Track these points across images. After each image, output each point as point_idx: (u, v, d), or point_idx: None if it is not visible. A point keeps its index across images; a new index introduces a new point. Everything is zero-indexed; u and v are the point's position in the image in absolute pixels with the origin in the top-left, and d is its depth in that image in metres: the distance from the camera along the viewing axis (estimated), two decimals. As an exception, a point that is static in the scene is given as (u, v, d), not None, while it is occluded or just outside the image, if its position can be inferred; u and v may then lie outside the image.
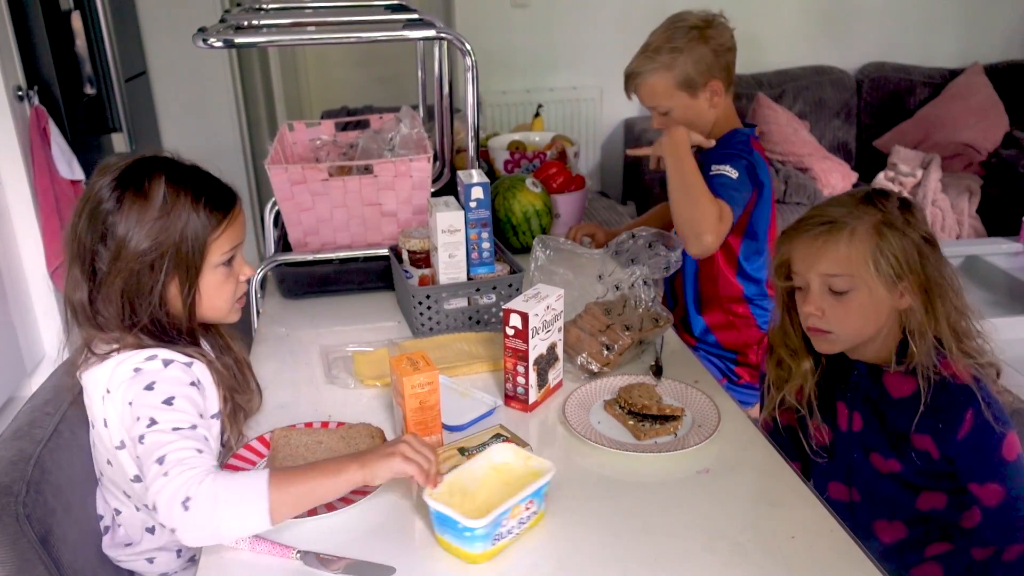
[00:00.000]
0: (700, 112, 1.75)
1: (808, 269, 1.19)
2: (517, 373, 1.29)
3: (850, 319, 1.18)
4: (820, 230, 1.18)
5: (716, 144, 1.76)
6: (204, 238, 1.12)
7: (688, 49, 1.70)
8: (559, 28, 3.96)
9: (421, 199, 1.74)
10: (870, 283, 1.15)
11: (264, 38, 1.70)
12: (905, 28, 4.15)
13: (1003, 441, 1.13)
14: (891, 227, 1.15)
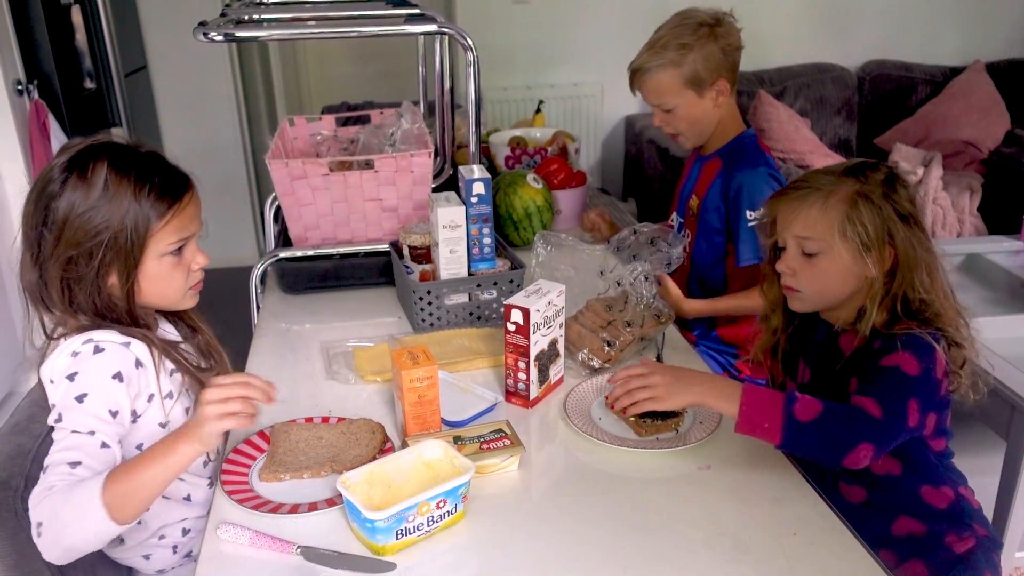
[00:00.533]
0: (705, 111, 1.74)
1: (784, 229, 1.24)
2: (518, 369, 1.28)
3: (817, 281, 1.23)
4: (800, 193, 1.22)
5: (727, 150, 1.76)
6: (145, 228, 1.09)
7: (698, 46, 1.69)
8: (560, 24, 3.94)
9: (422, 194, 1.74)
10: (837, 249, 1.19)
11: (264, 32, 1.70)
12: (907, 26, 4.14)
13: (890, 353, 1.14)
14: (866, 198, 1.18)
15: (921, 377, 1.13)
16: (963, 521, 1.26)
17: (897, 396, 1.10)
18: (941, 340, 1.17)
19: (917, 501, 1.24)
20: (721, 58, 1.71)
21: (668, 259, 1.47)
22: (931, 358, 1.14)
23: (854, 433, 1.07)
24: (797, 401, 1.09)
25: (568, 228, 2.10)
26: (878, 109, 4.01)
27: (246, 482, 1.11)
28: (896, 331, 1.16)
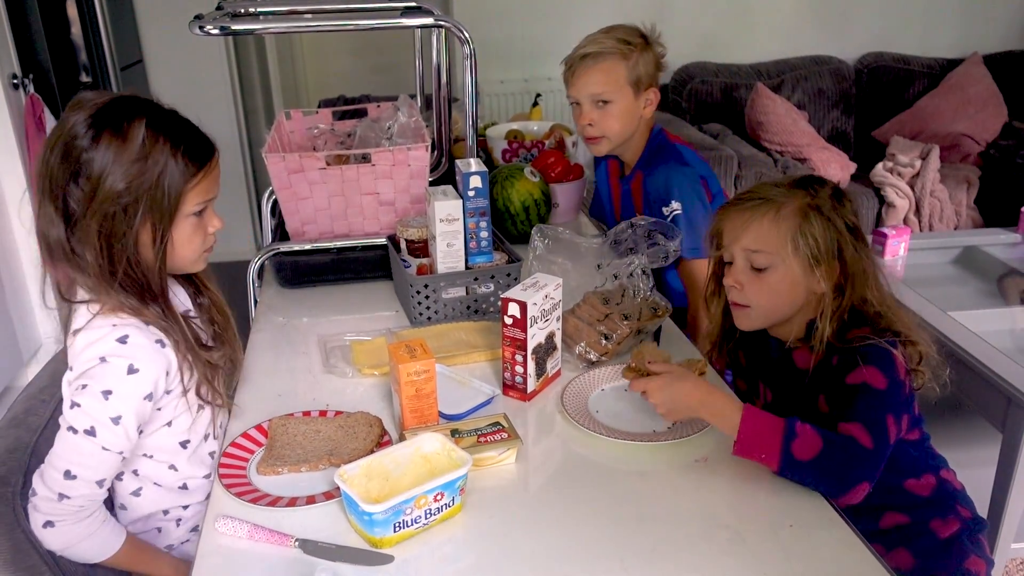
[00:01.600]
0: (635, 114, 1.78)
1: (733, 242, 1.24)
2: (515, 362, 1.28)
3: (766, 295, 1.23)
4: (749, 205, 1.22)
5: (643, 161, 1.82)
6: (180, 186, 1.09)
7: (639, 49, 1.75)
8: (557, 17, 3.93)
9: (419, 188, 1.74)
10: (788, 262, 1.19)
11: (260, 25, 1.69)
12: (904, 18, 4.14)
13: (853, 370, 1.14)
14: (817, 212, 1.19)
15: (890, 389, 1.14)
16: (947, 504, 1.28)
17: (876, 416, 1.10)
18: (896, 343, 1.18)
19: (902, 495, 1.25)
20: (654, 68, 1.77)
21: (665, 252, 1.47)
22: (892, 365, 1.15)
23: (852, 473, 1.06)
24: (796, 437, 1.06)
25: (566, 221, 2.10)
26: (875, 101, 4.01)
27: (244, 476, 1.11)
28: (853, 343, 1.17)
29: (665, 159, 1.78)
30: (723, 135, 3.67)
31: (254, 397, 1.32)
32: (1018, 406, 1.79)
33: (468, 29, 1.71)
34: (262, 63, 4.39)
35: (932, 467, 1.29)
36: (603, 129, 1.79)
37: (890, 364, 1.15)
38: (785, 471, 1.07)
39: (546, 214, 1.97)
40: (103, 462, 1.07)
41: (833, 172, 3.57)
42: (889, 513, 1.26)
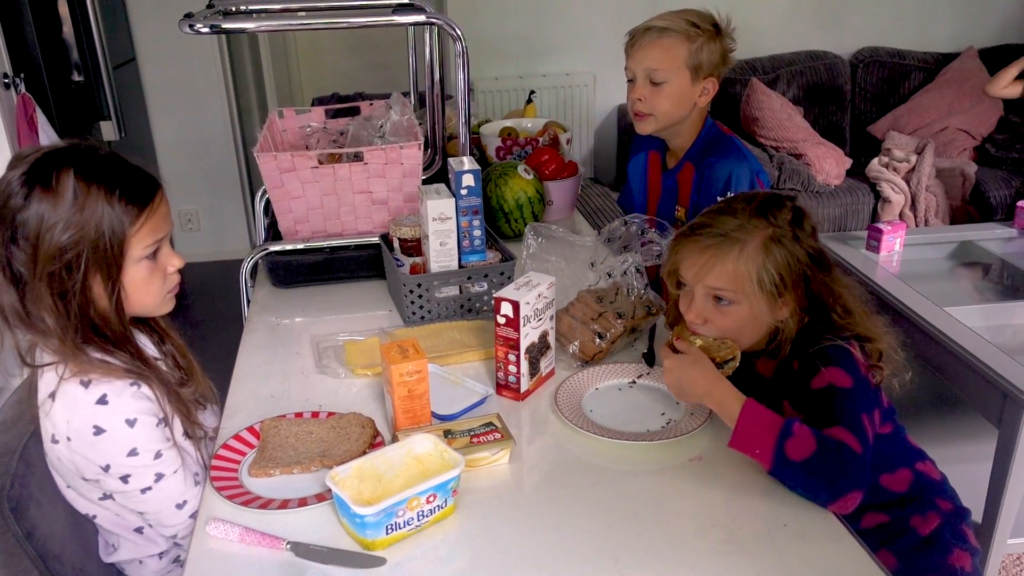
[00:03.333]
0: (689, 100, 1.72)
1: (695, 280, 1.22)
2: (508, 362, 1.28)
3: (730, 329, 1.22)
4: (710, 243, 1.20)
5: (695, 153, 1.77)
6: (122, 232, 1.06)
7: (707, 35, 1.69)
8: (552, 14, 3.93)
9: (412, 186, 1.73)
10: (752, 298, 1.19)
11: (252, 24, 1.68)
12: (899, 12, 4.13)
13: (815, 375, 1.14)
14: (778, 243, 1.18)
15: (856, 386, 1.13)
16: (925, 499, 1.28)
17: (854, 417, 1.09)
18: (851, 340, 1.17)
19: (879, 492, 1.25)
20: (719, 59, 1.71)
21: (659, 250, 1.46)
22: (852, 362, 1.15)
23: (843, 479, 1.03)
24: (792, 436, 1.05)
25: (560, 218, 2.10)
26: (871, 96, 4.01)
27: (236, 478, 1.10)
28: (809, 349, 1.17)
29: (726, 151, 1.72)
30: (718, 131, 3.66)
31: (246, 398, 1.31)
32: (1014, 402, 1.78)
33: (461, 26, 1.70)
34: (256, 60, 4.37)
35: (906, 460, 1.29)
36: (652, 107, 1.72)
37: (850, 361, 1.15)
38: (777, 470, 1.06)
39: (540, 212, 1.96)
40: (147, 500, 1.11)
41: (828, 168, 3.56)
42: (870, 513, 1.26)
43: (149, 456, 1.09)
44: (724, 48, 1.71)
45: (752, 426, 1.08)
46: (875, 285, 2.28)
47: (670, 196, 1.84)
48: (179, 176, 3.93)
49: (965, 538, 1.29)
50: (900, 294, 2.20)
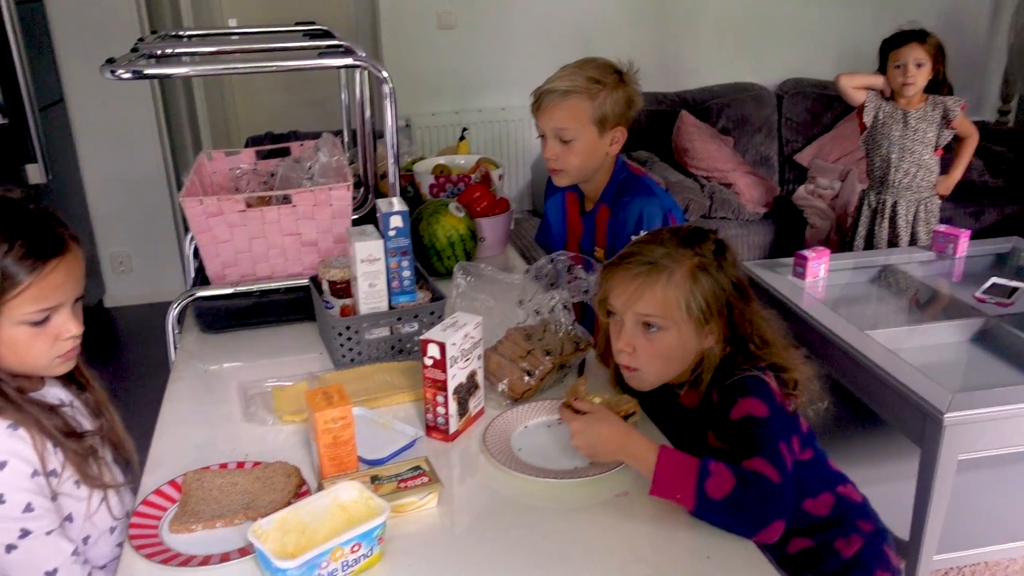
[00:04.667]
0: (599, 152, 1.78)
1: (626, 308, 1.25)
2: (437, 403, 1.28)
3: (659, 357, 1.26)
4: (640, 270, 1.24)
5: (610, 195, 1.82)
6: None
7: (610, 87, 1.74)
8: (486, 49, 3.98)
9: (342, 228, 1.73)
10: (681, 325, 1.23)
11: (175, 69, 1.67)
12: (820, 45, 4.29)
13: (733, 405, 1.18)
14: (705, 271, 1.23)
15: (772, 415, 1.17)
16: (847, 521, 1.32)
17: (771, 446, 1.12)
18: (766, 370, 1.22)
19: (802, 516, 1.28)
20: (624, 107, 1.76)
21: (586, 286, 1.49)
22: (767, 391, 1.19)
23: (765, 509, 1.06)
24: (710, 475, 1.07)
25: (493, 255, 2.12)
26: (797, 126, 4.14)
27: (156, 535, 1.08)
28: (727, 380, 1.21)
29: (636, 191, 1.78)
30: (651, 162, 3.75)
31: (170, 450, 1.29)
32: (933, 421, 1.85)
33: (396, 63, 1.72)
34: (190, 100, 4.33)
35: (828, 484, 1.33)
36: (564, 164, 1.79)
37: (765, 390, 1.18)
38: (700, 511, 1.08)
39: (473, 248, 1.98)
40: (44, 549, 1.05)
41: (757, 196, 3.66)
42: (795, 538, 1.29)
43: (16, 507, 1.03)
44: (628, 95, 1.76)
45: (670, 472, 1.10)
46: (802, 311, 2.34)
47: (589, 236, 1.89)
48: (110, 218, 3.85)
49: (886, 558, 1.34)
50: (825, 319, 2.27)
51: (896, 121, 2.95)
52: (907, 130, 2.93)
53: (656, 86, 4.07)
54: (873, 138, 3.02)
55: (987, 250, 2.85)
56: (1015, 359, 2.15)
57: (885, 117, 2.97)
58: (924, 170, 2.97)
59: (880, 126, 2.99)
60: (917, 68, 2.86)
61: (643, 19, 4.09)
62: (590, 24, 4.01)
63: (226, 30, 2.38)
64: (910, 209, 3.01)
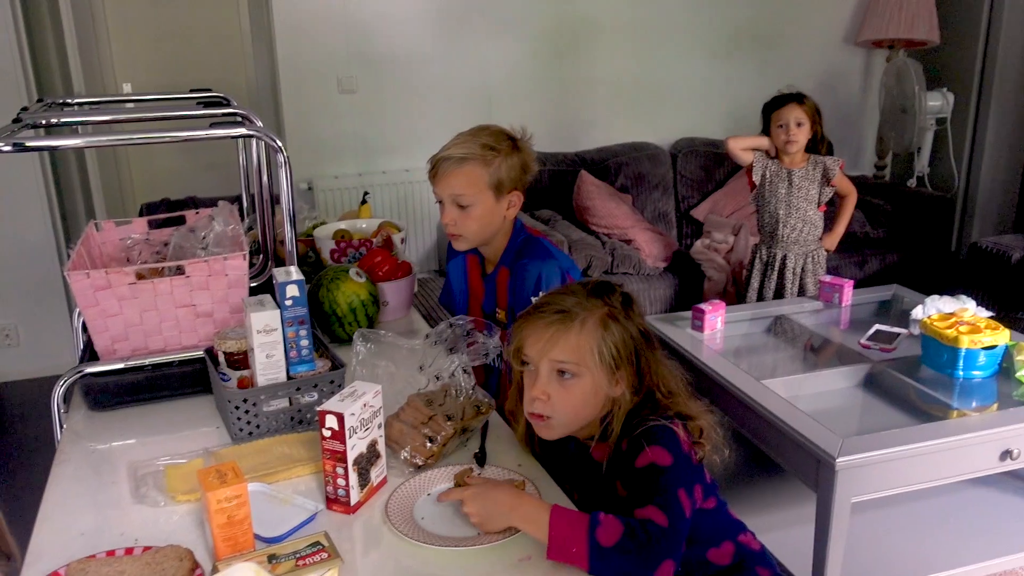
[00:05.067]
0: (496, 217, 1.83)
1: (540, 355, 1.28)
2: (337, 475, 1.26)
3: (571, 404, 1.28)
4: (554, 319, 1.28)
5: (509, 257, 1.86)
6: None
7: (504, 153, 1.79)
8: (389, 113, 4.02)
9: (238, 298, 1.70)
10: (594, 371, 1.27)
11: (60, 141, 1.63)
12: (708, 107, 4.52)
13: (639, 453, 1.21)
14: (615, 320, 1.28)
15: (675, 464, 1.20)
16: (748, 569, 1.36)
17: (668, 494, 1.16)
18: (674, 420, 1.26)
19: (707, 566, 1.32)
20: (519, 172, 1.81)
21: (486, 350, 1.50)
22: (675, 441, 1.23)
23: (653, 552, 1.09)
24: (600, 525, 1.10)
25: (396, 318, 2.11)
26: (691, 183, 4.31)
27: (34, 633, 1.02)
28: (637, 430, 1.25)
29: (534, 254, 1.82)
30: (553, 220, 3.83)
31: (52, 540, 1.22)
32: (826, 466, 1.92)
33: (298, 126, 1.73)
34: (81, 165, 4.20)
35: (730, 533, 1.37)
36: (462, 229, 1.82)
37: (672, 439, 1.22)
38: (595, 563, 1.09)
39: (375, 313, 1.97)
40: None
41: (657, 251, 3.78)
42: None
43: None
44: (522, 160, 1.82)
45: (563, 528, 1.12)
46: (701, 363, 2.42)
47: (491, 298, 1.92)
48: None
49: None
50: (723, 370, 2.34)
51: (782, 180, 3.11)
52: (792, 188, 3.09)
53: (556, 147, 4.19)
54: (762, 195, 3.18)
55: (870, 298, 3.02)
56: (899, 402, 2.27)
57: (772, 176, 3.13)
58: (809, 225, 3.13)
59: (768, 184, 3.15)
60: (798, 127, 3.04)
61: (542, 82, 4.22)
62: (491, 87, 4.12)
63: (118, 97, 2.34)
64: (798, 262, 3.16)
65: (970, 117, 5.06)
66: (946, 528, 2.32)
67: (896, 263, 4.00)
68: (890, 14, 4.41)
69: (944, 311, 2.47)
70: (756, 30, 4.53)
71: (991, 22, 4.93)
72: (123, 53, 4.75)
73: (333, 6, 3.82)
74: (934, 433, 2.00)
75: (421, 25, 3.97)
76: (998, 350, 2.30)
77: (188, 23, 4.80)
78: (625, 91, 4.39)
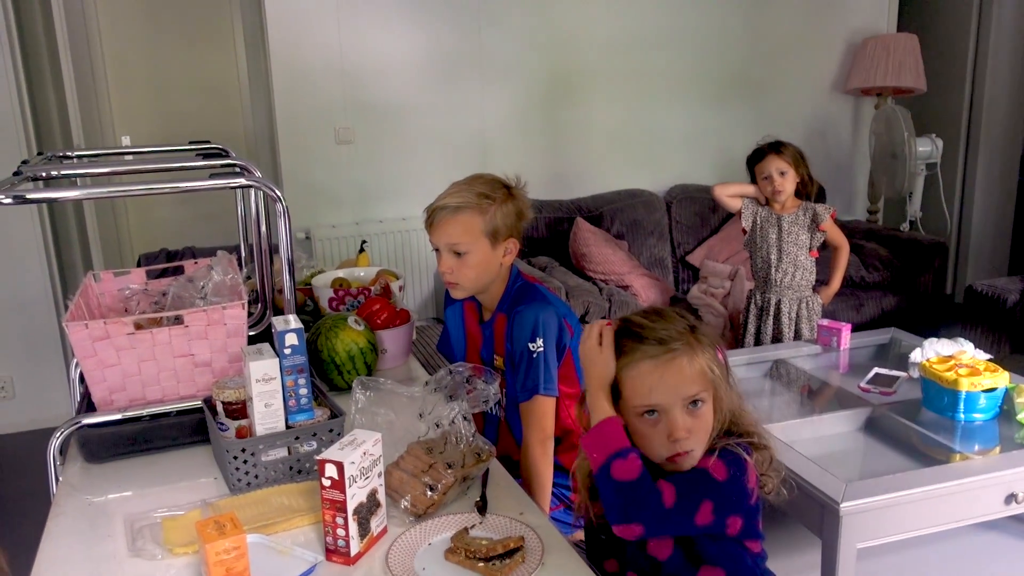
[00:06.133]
0: (493, 264, 1.84)
1: (666, 394, 1.24)
2: (336, 525, 1.24)
3: (705, 431, 1.27)
4: (664, 353, 1.25)
5: (506, 304, 1.87)
6: None
7: (499, 201, 1.80)
8: (385, 162, 4.06)
9: (236, 347, 1.70)
10: (709, 396, 1.27)
11: (59, 193, 1.65)
12: (701, 154, 4.58)
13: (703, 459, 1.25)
14: (705, 339, 1.29)
15: (727, 483, 1.21)
16: None
17: (695, 493, 1.20)
18: (751, 449, 1.26)
19: None
20: (515, 219, 1.83)
21: (485, 396, 1.50)
22: (742, 468, 1.23)
23: (636, 512, 1.19)
24: (622, 458, 1.20)
25: (395, 366, 2.11)
26: (686, 228, 4.34)
27: None
28: (714, 447, 1.26)
29: (531, 299, 1.82)
30: (550, 267, 3.84)
31: (47, 595, 1.20)
32: (831, 512, 1.90)
33: (295, 176, 1.74)
34: (79, 217, 4.22)
35: None
36: (459, 277, 1.83)
37: (740, 466, 1.23)
38: (598, 476, 1.22)
39: (373, 361, 1.97)
40: None
41: (654, 297, 3.79)
42: None
43: None
44: (518, 208, 1.83)
45: (600, 434, 1.24)
46: (701, 408, 2.40)
47: (489, 345, 1.91)
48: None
49: None
50: (723, 415, 2.33)
51: (772, 225, 3.14)
52: (783, 233, 3.12)
53: (551, 194, 4.22)
54: (753, 241, 3.20)
55: (868, 341, 3.02)
56: (901, 446, 2.26)
57: (762, 221, 3.16)
58: (802, 270, 3.15)
59: (759, 230, 3.17)
60: (782, 176, 3.07)
61: (536, 130, 4.28)
62: (486, 135, 4.17)
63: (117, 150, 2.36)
64: (792, 307, 3.17)
65: (959, 162, 5.13)
66: (953, 573, 2.29)
67: (893, 307, 4.02)
68: (877, 63, 4.49)
69: (943, 354, 2.47)
70: (747, 78, 4.61)
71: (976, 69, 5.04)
72: (122, 106, 4.80)
73: (330, 57, 3.88)
74: (939, 477, 1.98)
75: (416, 75, 4.04)
76: (998, 392, 2.29)
77: (186, 75, 4.87)
78: (619, 139, 4.45)
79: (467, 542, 1.27)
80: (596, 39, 4.30)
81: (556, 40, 4.23)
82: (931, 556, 2.35)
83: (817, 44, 4.74)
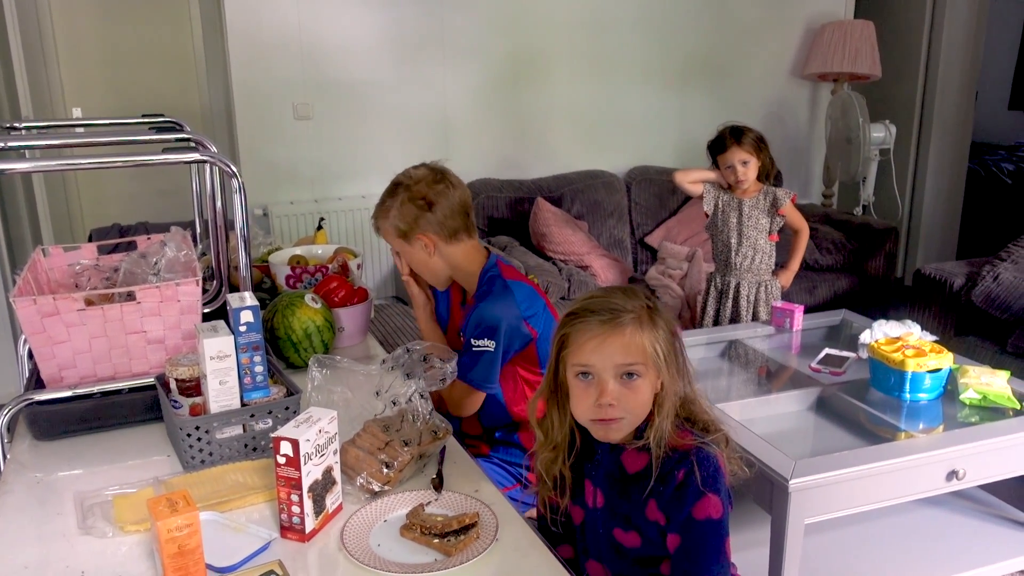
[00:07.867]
0: (423, 259, 1.89)
1: (603, 360, 1.25)
2: (291, 502, 1.24)
3: (637, 403, 1.27)
4: (608, 319, 1.25)
5: (478, 293, 1.88)
6: None
7: (395, 205, 1.85)
8: (345, 139, 4.01)
9: (190, 324, 1.68)
10: (650, 368, 1.26)
11: (7, 165, 1.60)
12: (662, 134, 4.61)
13: (699, 500, 1.23)
14: (658, 314, 1.29)
15: (726, 514, 1.24)
16: None
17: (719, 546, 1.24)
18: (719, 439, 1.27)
19: None
20: (417, 213, 1.83)
21: (443, 374, 1.50)
22: (721, 478, 1.25)
23: None
24: None
25: (352, 344, 2.10)
26: (645, 210, 4.37)
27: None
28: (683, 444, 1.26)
29: (494, 297, 1.82)
30: (511, 247, 3.85)
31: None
32: (780, 488, 1.94)
33: (253, 152, 1.72)
34: (28, 191, 4.11)
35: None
36: (406, 269, 1.97)
37: (721, 479, 1.24)
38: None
39: (330, 339, 1.96)
40: None
41: (613, 277, 3.82)
42: None
43: None
44: (416, 204, 1.83)
45: None
46: (656, 388, 2.44)
47: (465, 327, 1.92)
48: (-65, 317, 3.56)
49: None
50: (678, 395, 2.36)
51: (733, 209, 3.17)
52: (743, 217, 3.15)
53: (513, 174, 4.22)
54: (715, 224, 3.23)
55: (820, 323, 3.08)
56: (849, 425, 2.31)
57: (724, 205, 3.19)
58: (761, 254, 3.19)
59: (720, 214, 3.20)
60: (744, 166, 3.10)
61: (498, 110, 4.26)
62: (447, 114, 4.14)
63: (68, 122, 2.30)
64: (751, 290, 3.21)
65: (911, 148, 5.24)
66: (897, 548, 2.36)
67: (845, 289, 4.10)
68: (834, 49, 4.55)
69: (891, 335, 2.53)
70: (708, 62, 4.64)
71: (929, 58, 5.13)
72: (73, 77, 4.67)
73: (288, 32, 3.81)
74: (884, 454, 2.04)
75: (377, 52, 3.99)
76: (943, 373, 2.36)
77: (140, 47, 4.75)
78: (581, 120, 4.45)
79: (423, 519, 1.28)
80: (559, 20, 4.28)
81: (519, 20, 4.21)
82: (876, 531, 2.42)
83: (777, 28, 4.78)
